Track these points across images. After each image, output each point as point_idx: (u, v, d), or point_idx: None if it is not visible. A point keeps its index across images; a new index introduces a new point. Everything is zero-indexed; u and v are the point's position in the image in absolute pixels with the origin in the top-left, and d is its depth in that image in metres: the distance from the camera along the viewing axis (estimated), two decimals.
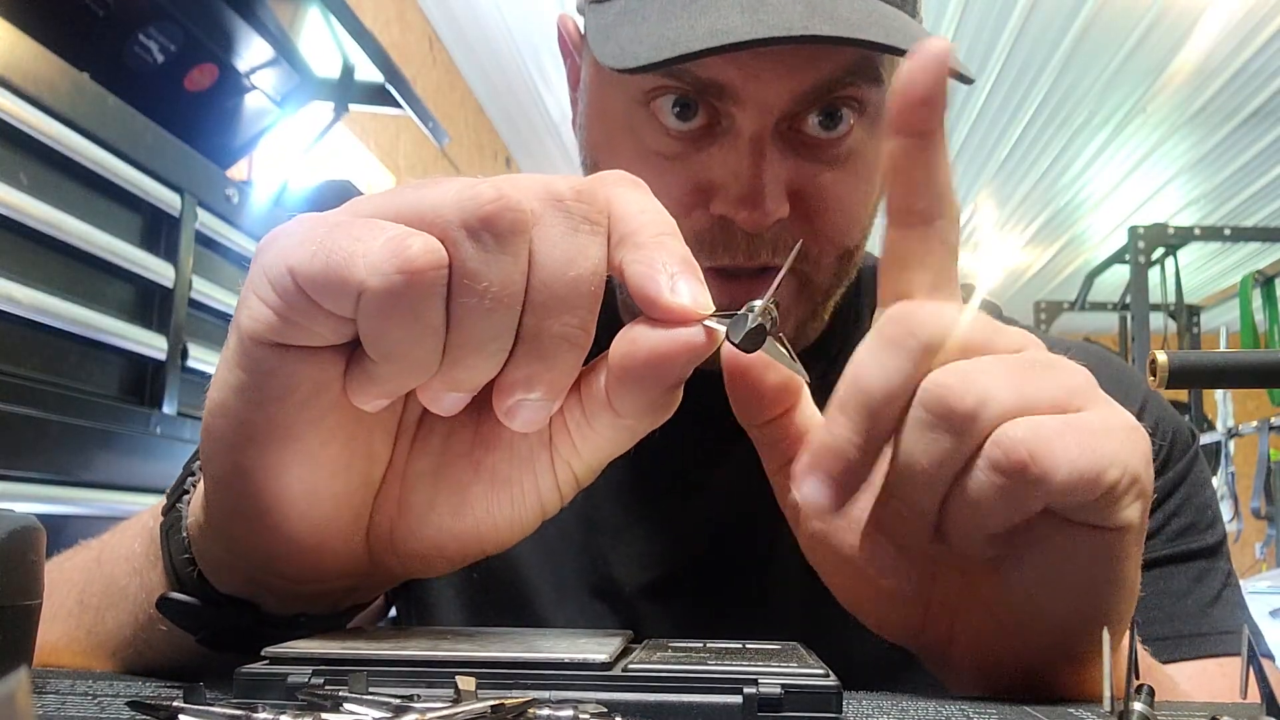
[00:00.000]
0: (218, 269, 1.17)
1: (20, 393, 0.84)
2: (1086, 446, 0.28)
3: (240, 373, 0.28)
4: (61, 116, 0.89)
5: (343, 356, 0.28)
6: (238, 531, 0.31)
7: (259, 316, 0.27)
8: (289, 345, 0.27)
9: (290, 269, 0.26)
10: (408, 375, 0.27)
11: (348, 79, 1.59)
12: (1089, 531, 0.29)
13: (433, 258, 0.25)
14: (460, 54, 3.62)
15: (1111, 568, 0.30)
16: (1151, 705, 0.25)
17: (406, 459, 0.32)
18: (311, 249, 0.26)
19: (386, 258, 0.25)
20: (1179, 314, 3.71)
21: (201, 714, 0.22)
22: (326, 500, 0.30)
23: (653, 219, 0.29)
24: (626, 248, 0.28)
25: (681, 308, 0.28)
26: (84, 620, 0.39)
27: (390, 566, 0.34)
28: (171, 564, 0.34)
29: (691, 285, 0.28)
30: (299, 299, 0.26)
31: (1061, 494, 0.28)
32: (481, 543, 0.32)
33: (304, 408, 0.28)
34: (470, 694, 0.22)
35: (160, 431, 1.02)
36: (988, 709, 0.29)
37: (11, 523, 0.28)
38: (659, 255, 0.28)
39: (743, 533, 0.56)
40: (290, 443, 0.29)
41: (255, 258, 0.28)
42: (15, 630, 0.28)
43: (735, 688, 0.24)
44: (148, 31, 1.20)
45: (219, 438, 0.29)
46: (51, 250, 0.89)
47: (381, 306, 0.25)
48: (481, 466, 0.32)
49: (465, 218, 0.26)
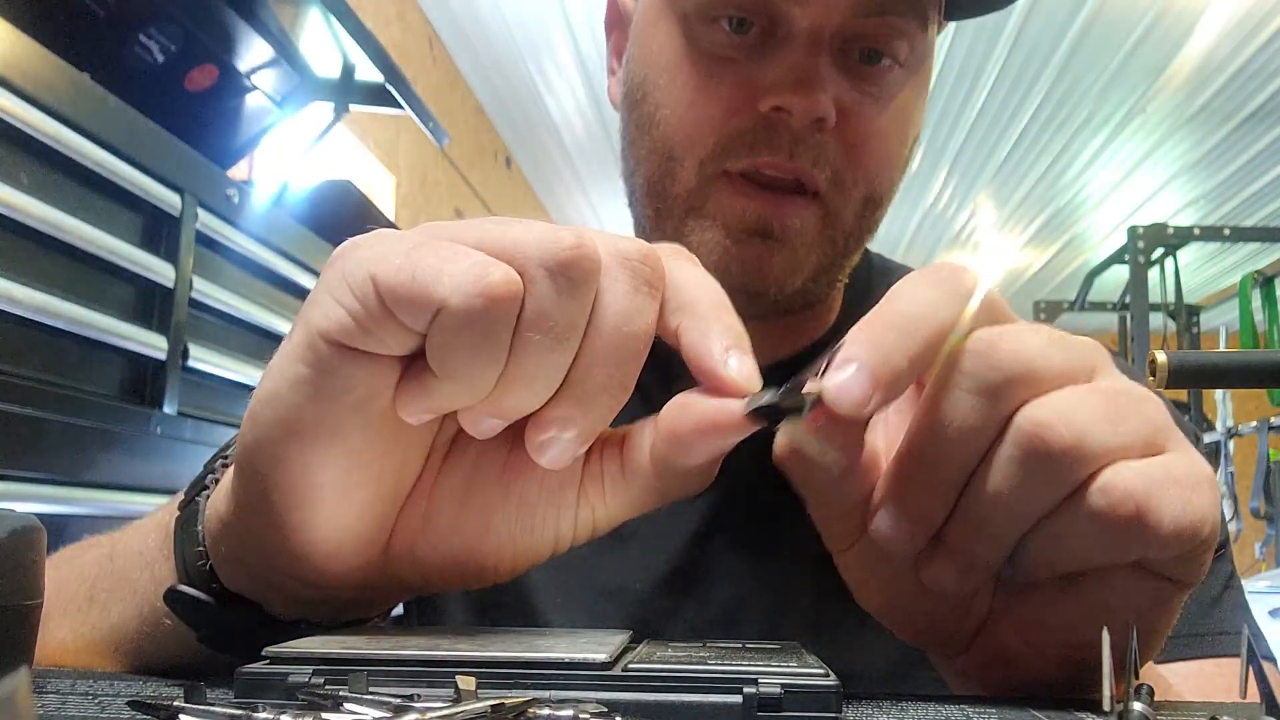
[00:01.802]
0: (218, 269, 1.17)
1: (20, 393, 0.84)
2: (1186, 501, 0.27)
3: (301, 366, 0.29)
4: (62, 116, 0.89)
5: (399, 367, 0.29)
6: (260, 525, 0.31)
7: (334, 316, 0.28)
8: (353, 349, 0.28)
9: (373, 276, 0.27)
10: (462, 395, 0.28)
11: (348, 79, 1.59)
12: (1157, 579, 0.29)
13: (512, 288, 0.27)
14: (460, 54, 3.62)
15: (1164, 613, 0.30)
16: (1151, 705, 0.25)
17: (436, 476, 0.33)
18: (397, 262, 0.27)
19: (470, 280, 0.26)
20: (1178, 314, 3.71)
21: (202, 713, 0.22)
22: (355, 504, 0.31)
23: (710, 293, 0.31)
24: (685, 315, 0.30)
25: (732, 380, 0.29)
26: (91, 614, 0.40)
27: (404, 580, 0.34)
28: (183, 557, 0.35)
29: (743, 361, 0.29)
30: (377, 307, 0.27)
31: (1160, 549, 0.28)
32: (498, 566, 0.33)
33: (354, 410, 0.29)
34: (470, 694, 0.22)
35: (160, 431, 1.02)
36: (987, 709, 0.29)
37: (12, 523, 0.28)
38: (715, 326, 0.30)
39: (748, 532, 0.56)
40: (334, 442, 0.29)
41: (331, 264, 0.29)
42: (16, 630, 0.28)
43: (735, 687, 0.24)
44: (148, 32, 1.20)
45: (265, 426, 0.30)
46: (52, 250, 0.89)
47: (457, 325, 0.27)
48: (510, 492, 0.33)
49: (545, 258, 0.27)
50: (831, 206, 0.53)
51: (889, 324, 0.29)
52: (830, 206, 0.53)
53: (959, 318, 0.29)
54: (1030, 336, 0.29)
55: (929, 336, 0.29)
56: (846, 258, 0.56)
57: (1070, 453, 0.27)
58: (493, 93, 3.93)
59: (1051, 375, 0.28)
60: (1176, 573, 0.29)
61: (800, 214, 0.52)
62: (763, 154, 0.51)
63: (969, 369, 0.28)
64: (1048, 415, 0.28)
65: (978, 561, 0.30)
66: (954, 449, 0.29)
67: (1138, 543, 0.27)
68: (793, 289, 0.53)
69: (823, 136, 0.51)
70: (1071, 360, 0.29)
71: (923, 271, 0.30)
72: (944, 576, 0.31)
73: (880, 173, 0.54)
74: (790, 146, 0.51)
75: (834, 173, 0.52)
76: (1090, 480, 0.27)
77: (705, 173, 0.53)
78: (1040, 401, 0.28)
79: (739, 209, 0.52)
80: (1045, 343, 0.29)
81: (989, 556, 0.30)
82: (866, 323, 0.29)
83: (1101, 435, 0.27)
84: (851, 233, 0.55)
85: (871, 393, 0.28)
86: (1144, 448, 0.28)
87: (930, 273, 0.30)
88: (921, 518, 0.30)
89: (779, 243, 0.52)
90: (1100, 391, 0.29)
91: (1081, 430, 0.27)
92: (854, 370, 0.28)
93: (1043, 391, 0.28)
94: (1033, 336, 0.29)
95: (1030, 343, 0.29)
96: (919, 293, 0.29)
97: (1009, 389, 0.28)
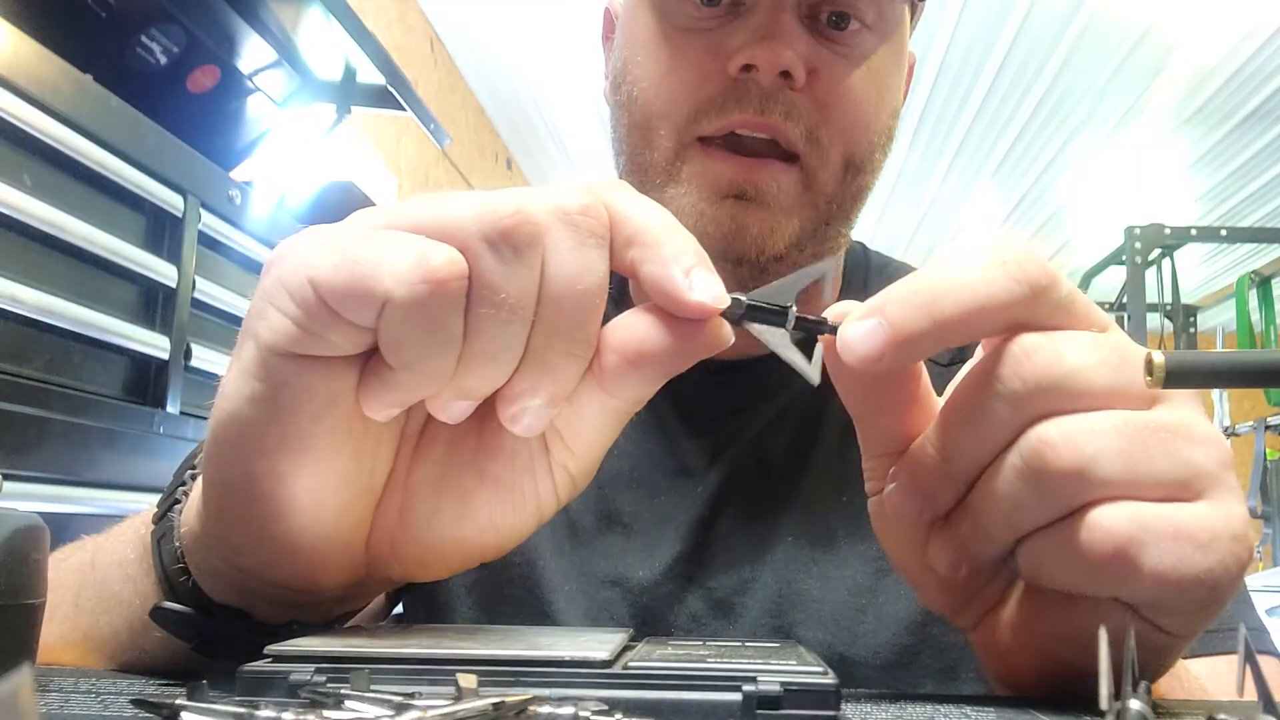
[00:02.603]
0: (221, 269, 1.17)
1: (24, 392, 0.84)
2: (1181, 556, 0.26)
3: (255, 383, 0.28)
4: (64, 118, 0.89)
5: (357, 366, 0.28)
6: (238, 540, 0.31)
7: (278, 327, 0.27)
8: (305, 356, 0.27)
9: (311, 280, 0.26)
10: (425, 383, 0.28)
11: (349, 81, 1.59)
12: (1144, 622, 0.28)
13: (456, 268, 0.26)
14: (462, 56, 3.62)
15: (1152, 656, 0.29)
16: (1150, 704, 0.25)
17: (409, 468, 0.32)
18: (334, 260, 0.26)
19: (411, 268, 0.26)
20: (1175, 314, 3.70)
21: (204, 712, 0.22)
22: (331, 510, 0.30)
23: (655, 217, 0.29)
24: (635, 246, 0.29)
25: (701, 304, 0.28)
26: (80, 623, 0.39)
27: (389, 572, 0.34)
28: (164, 572, 0.34)
29: (708, 278, 0.28)
30: (320, 310, 0.26)
31: (1136, 594, 0.27)
32: (483, 548, 0.33)
33: (317, 419, 0.28)
34: (471, 691, 0.22)
35: (163, 431, 1.02)
36: (987, 709, 0.29)
37: (15, 522, 0.28)
38: (670, 250, 0.28)
39: (751, 520, 0.56)
40: (302, 454, 0.29)
41: (268, 269, 0.28)
42: (18, 628, 0.28)
43: (734, 685, 0.25)
44: (150, 33, 1.20)
45: (230, 447, 0.29)
46: (55, 251, 0.90)
47: (406, 316, 0.26)
48: (485, 474, 0.32)
49: (485, 230, 0.26)
50: (810, 168, 0.54)
51: (933, 288, 0.28)
52: (809, 168, 0.54)
53: (1007, 303, 0.28)
54: (1077, 348, 0.28)
55: (966, 312, 0.28)
56: (832, 226, 0.56)
57: (1068, 477, 0.27)
58: (494, 94, 3.92)
59: (1088, 393, 0.27)
60: (1164, 623, 0.28)
61: (778, 177, 0.53)
62: (734, 114, 0.52)
63: (1000, 371, 0.28)
64: (1055, 435, 0.27)
65: (973, 553, 0.30)
66: (969, 443, 0.29)
67: (1111, 583, 0.27)
68: (774, 251, 0.54)
69: (793, 94, 0.52)
70: (1121, 382, 0.28)
71: (990, 244, 0.29)
72: (940, 558, 0.31)
73: (857, 133, 0.54)
74: (760, 103, 0.52)
75: (808, 129, 0.53)
76: (1085, 509, 0.27)
77: (681, 140, 0.54)
78: (1057, 420, 0.27)
79: (714, 172, 0.53)
80: (1092, 359, 0.28)
81: (984, 552, 0.30)
82: (911, 281, 0.28)
83: (1109, 468, 0.27)
84: (834, 198, 0.55)
85: (881, 354, 0.28)
86: (1170, 489, 0.27)
87: (995, 249, 0.29)
88: (928, 499, 0.30)
89: (756, 204, 0.53)
90: (1137, 423, 0.27)
91: (1086, 458, 0.27)
92: (873, 326, 0.28)
93: (1071, 409, 0.27)
94: (1080, 349, 0.28)
95: (1071, 356, 0.27)
96: (974, 266, 0.28)
97: (1032, 400, 0.27)
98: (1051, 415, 0.27)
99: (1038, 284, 0.28)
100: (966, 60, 3.60)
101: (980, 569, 0.32)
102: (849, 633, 0.53)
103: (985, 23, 3.33)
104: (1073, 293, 0.29)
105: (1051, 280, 0.28)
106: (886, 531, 0.33)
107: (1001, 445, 0.28)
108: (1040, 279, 0.28)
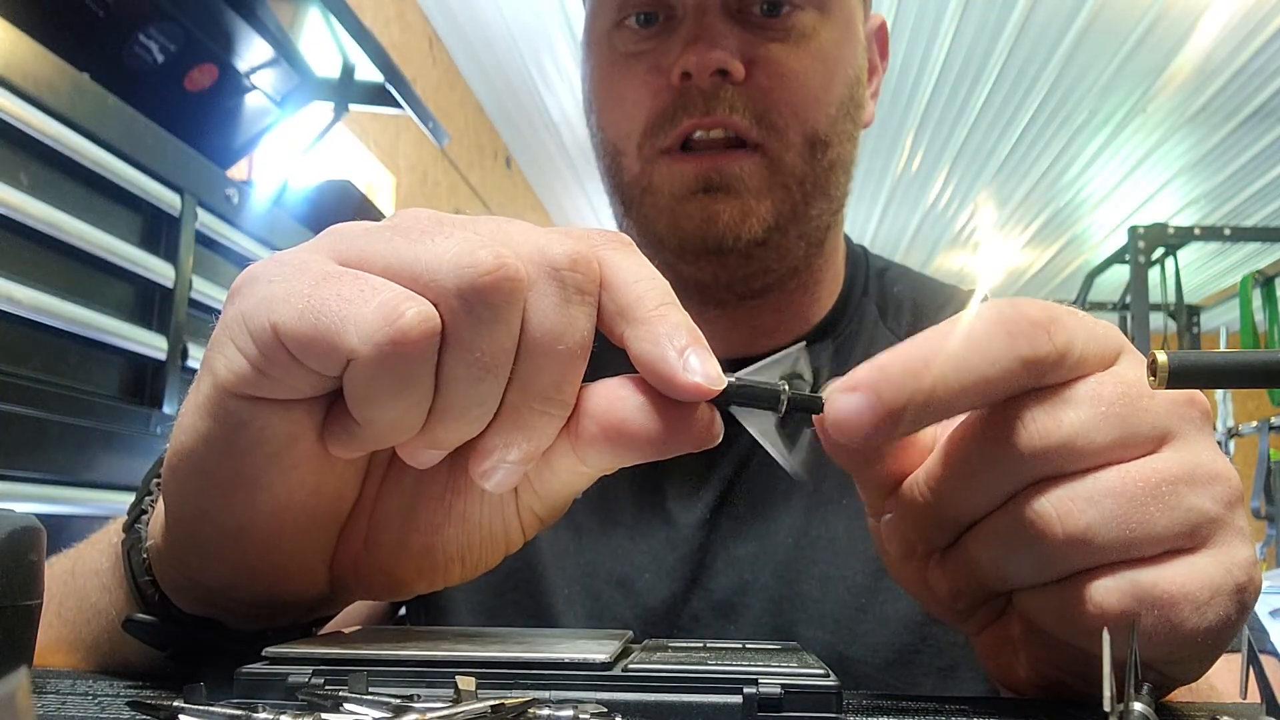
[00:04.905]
0: (218, 269, 1.17)
1: (20, 393, 0.84)
2: (1181, 620, 0.26)
3: (210, 422, 0.27)
4: (62, 116, 0.89)
5: (320, 408, 0.27)
6: (196, 562, 0.31)
7: (235, 368, 0.26)
8: (263, 398, 0.26)
9: (274, 325, 0.25)
10: (391, 435, 0.26)
11: (348, 79, 1.59)
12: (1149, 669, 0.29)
13: (426, 327, 0.24)
14: (460, 54, 3.62)
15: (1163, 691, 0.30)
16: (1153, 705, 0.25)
17: (376, 497, 0.32)
18: (298, 307, 0.25)
19: (379, 326, 0.24)
20: (1179, 314, 3.71)
21: (202, 714, 0.22)
22: (290, 539, 0.30)
23: (650, 287, 0.28)
24: (629, 322, 0.27)
25: (695, 385, 0.26)
26: (63, 633, 0.39)
27: (353, 593, 0.34)
28: (135, 584, 0.34)
29: (703, 359, 0.27)
30: (280, 355, 0.25)
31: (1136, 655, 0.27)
32: (448, 577, 0.32)
33: (274, 460, 0.27)
34: (470, 694, 0.22)
35: (160, 431, 1.02)
36: (987, 710, 0.29)
37: (12, 523, 0.28)
38: (663, 329, 0.27)
39: (753, 521, 0.56)
40: (257, 491, 0.28)
41: (231, 299, 0.27)
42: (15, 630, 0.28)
43: (735, 688, 0.24)
44: (148, 31, 1.20)
45: (184, 481, 0.29)
46: (52, 250, 0.89)
47: (370, 375, 0.24)
48: (453, 510, 0.31)
49: (462, 285, 0.25)
50: (773, 152, 0.55)
51: (929, 360, 0.27)
52: (771, 152, 0.55)
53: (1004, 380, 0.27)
54: (1075, 409, 0.27)
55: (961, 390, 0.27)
56: (812, 205, 0.57)
57: (1064, 548, 0.27)
58: (492, 92, 3.92)
59: (1089, 454, 0.27)
60: (1166, 669, 0.29)
61: (740, 163, 0.55)
62: (684, 120, 0.55)
63: (997, 434, 0.27)
64: (1050, 508, 0.27)
65: (970, 590, 0.30)
66: (963, 497, 0.28)
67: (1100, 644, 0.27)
68: (751, 235, 0.55)
69: (735, 88, 0.54)
70: (1124, 435, 0.27)
71: (996, 310, 0.28)
72: (939, 587, 0.31)
73: (810, 109, 0.56)
74: (705, 104, 0.54)
75: (759, 115, 0.55)
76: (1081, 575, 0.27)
77: (644, 155, 0.57)
78: (1053, 492, 0.27)
79: (679, 173, 0.56)
80: (1091, 418, 0.27)
81: (980, 592, 0.30)
82: (906, 349, 0.27)
83: (1106, 537, 0.26)
84: (805, 177, 0.56)
85: (871, 432, 0.27)
86: (1171, 543, 0.27)
87: (1001, 318, 0.27)
88: (921, 538, 0.30)
89: (724, 192, 0.55)
90: (1136, 481, 0.27)
91: (1082, 529, 0.26)
92: (861, 403, 0.27)
93: (1070, 470, 0.27)
94: (1079, 409, 0.27)
95: (1069, 420, 0.27)
96: (978, 335, 0.27)
97: (1029, 466, 0.27)
98: (1049, 478, 0.27)
99: (1038, 354, 0.27)
100: (968, 59, 3.60)
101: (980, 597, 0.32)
102: (849, 632, 0.53)
103: (987, 22, 3.33)
104: (1071, 341, 0.28)
105: (1052, 347, 0.27)
106: (887, 551, 0.33)
107: (995, 504, 0.28)
108: (1041, 347, 0.27)
